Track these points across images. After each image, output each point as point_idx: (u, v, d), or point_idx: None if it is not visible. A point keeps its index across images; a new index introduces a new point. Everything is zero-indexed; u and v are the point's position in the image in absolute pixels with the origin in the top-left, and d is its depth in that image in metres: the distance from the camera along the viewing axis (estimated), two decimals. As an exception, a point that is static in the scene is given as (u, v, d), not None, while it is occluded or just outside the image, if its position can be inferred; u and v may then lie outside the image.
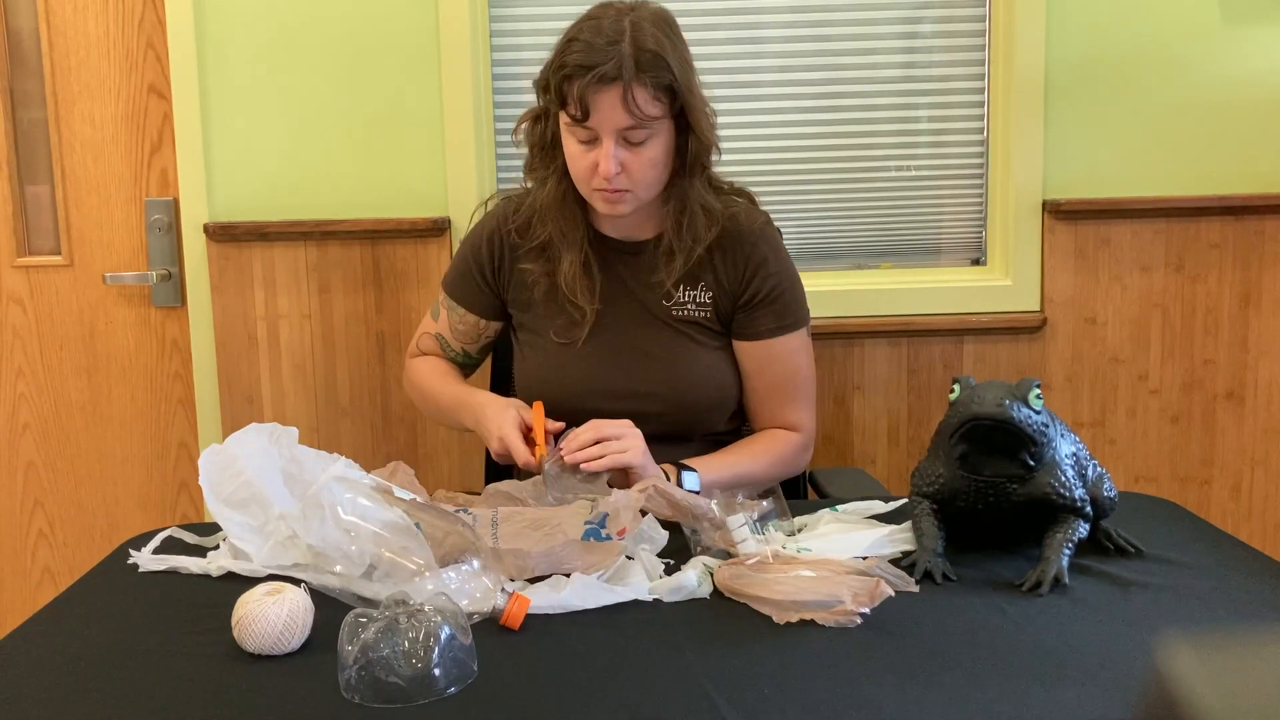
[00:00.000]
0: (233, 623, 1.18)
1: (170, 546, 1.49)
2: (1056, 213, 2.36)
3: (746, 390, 1.81)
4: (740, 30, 2.38)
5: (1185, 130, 2.36)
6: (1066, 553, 1.32)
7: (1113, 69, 2.34)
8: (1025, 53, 2.32)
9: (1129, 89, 2.34)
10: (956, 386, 1.34)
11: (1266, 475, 2.45)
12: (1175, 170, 2.37)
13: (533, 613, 1.23)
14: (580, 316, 1.75)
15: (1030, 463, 1.33)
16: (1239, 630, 1.21)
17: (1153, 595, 1.29)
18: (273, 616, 1.16)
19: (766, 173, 2.41)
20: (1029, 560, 1.35)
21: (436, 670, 1.08)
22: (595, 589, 1.29)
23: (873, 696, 1.07)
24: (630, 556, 1.36)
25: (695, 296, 1.77)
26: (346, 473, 1.37)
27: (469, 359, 1.91)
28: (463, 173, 2.33)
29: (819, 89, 2.41)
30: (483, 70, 2.35)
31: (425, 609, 1.11)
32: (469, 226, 1.91)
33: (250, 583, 1.28)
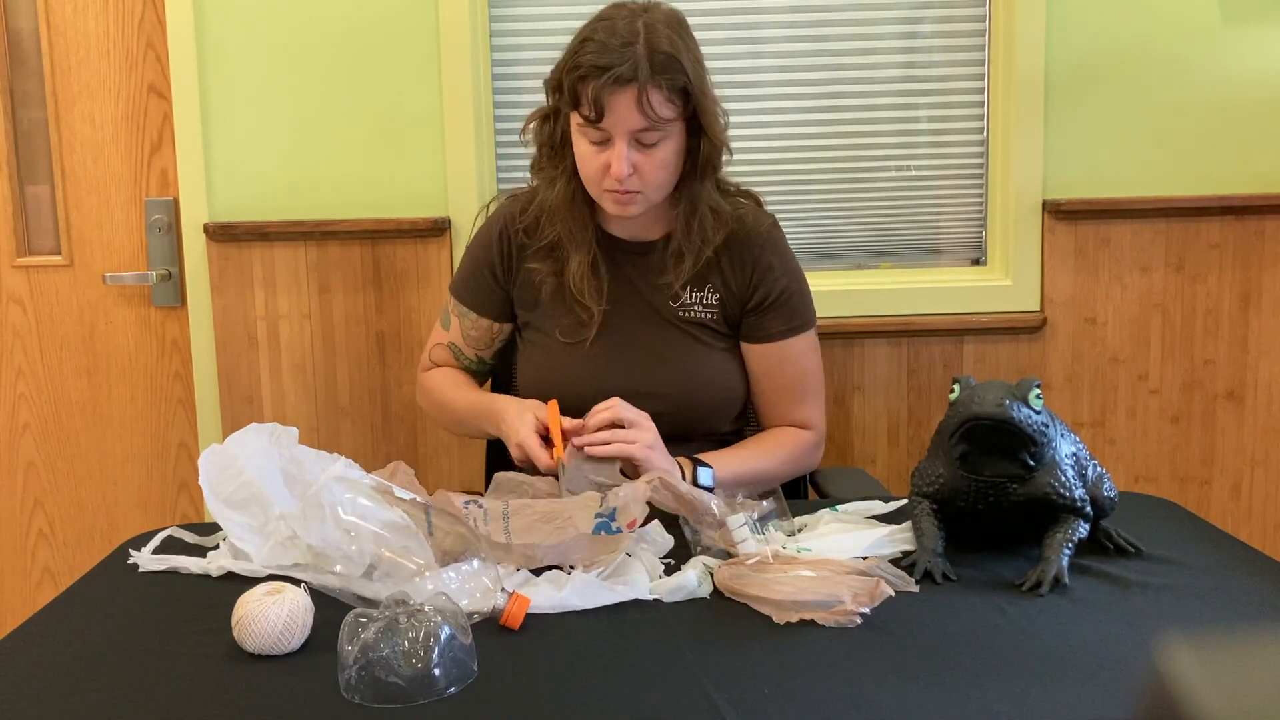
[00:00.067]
0: (233, 623, 1.18)
1: (170, 546, 1.49)
2: (1056, 213, 2.36)
3: (756, 391, 1.82)
4: (740, 30, 2.38)
5: (1185, 130, 2.36)
6: (1066, 553, 1.32)
7: (1113, 69, 2.34)
8: (1025, 53, 2.32)
9: (1129, 89, 2.34)
10: (956, 386, 1.34)
11: (1266, 475, 2.45)
12: (1175, 170, 2.37)
13: (533, 612, 1.23)
14: (588, 317, 1.75)
15: (1030, 463, 1.33)
16: (1239, 630, 1.21)
17: (1153, 595, 1.29)
18: (273, 616, 1.16)
19: (766, 173, 2.41)
20: (1029, 560, 1.36)
21: (436, 670, 1.08)
22: (595, 589, 1.29)
23: (873, 696, 1.07)
24: (630, 554, 1.37)
25: (702, 298, 1.77)
26: (346, 473, 1.37)
27: (483, 365, 1.89)
28: (463, 173, 2.33)
29: (819, 89, 2.41)
30: (483, 70, 2.35)
31: (425, 609, 1.11)
32: (472, 230, 1.91)
33: (250, 583, 1.28)
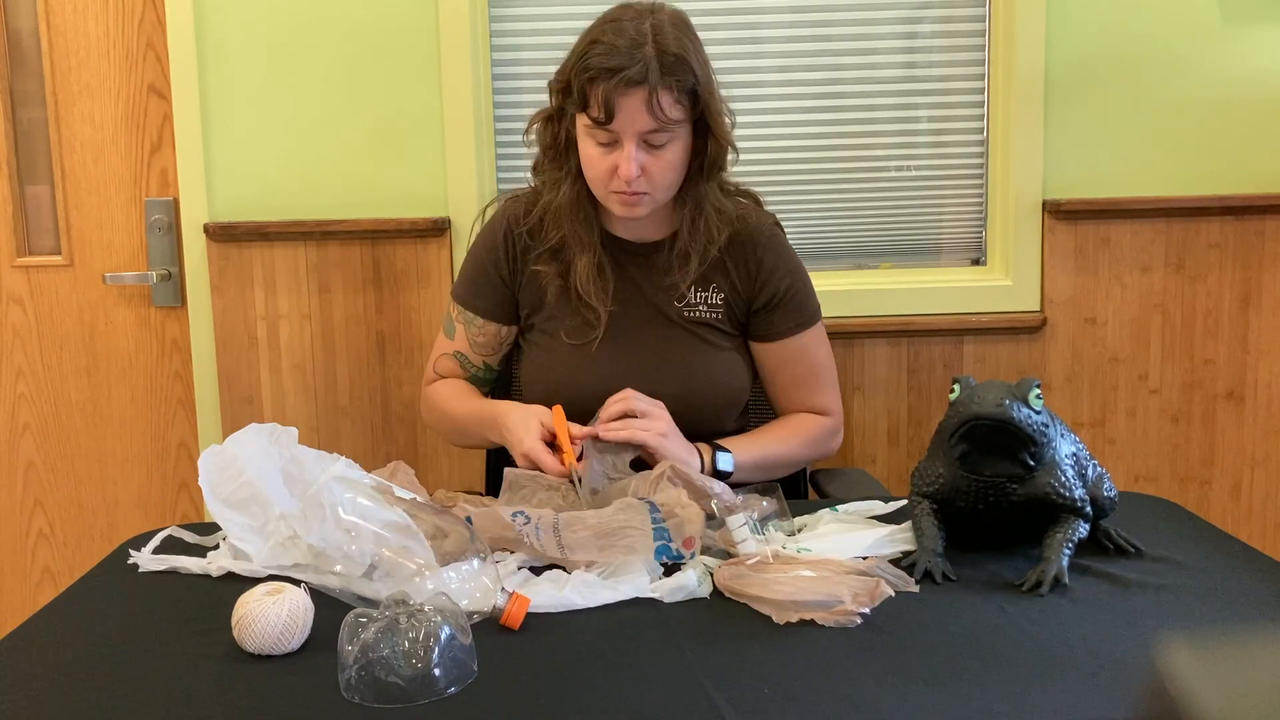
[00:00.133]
0: (233, 623, 1.18)
1: (170, 546, 1.49)
2: (1056, 213, 2.36)
3: (771, 386, 1.83)
4: (740, 30, 2.39)
5: (1185, 130, 2.36)
6: (1066, 553, 1.32)
7: (1113, 69, 2.34)
8: (1025, 53, 2.32)
9: (1129, 89, 2.34)
10: (956, 386, 1.34)
11: (1266, 475, 2.45)
12: (1175, 170, 2.37)
13: (533, 612, 1.23)
14: (594, 318, 1.74)
15: (1030, 463, 1.33)
16: (1239, 630, 1.21)
17: (1153, 595, 1.29)
18: (273, 616, 1.16)
19: (767, 173, 2.40)
20: (1029, 560, 1.35)
21: (436, 670, 1.08)
22: (595, 588, 1.29)
23: (873, 696, 1.07)
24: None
25: (707, 298, 1.77)
26: (346, 473, 1.37)
27: (490, 372, 1.87)
28: (463, 173, 2.33)
29: (819, 89, 2.41)
30: (483, 70, 2.35)
31: (425, 609, 1.11)
32: (471, 233, 1.90)
33: (250, 583, 1.28)
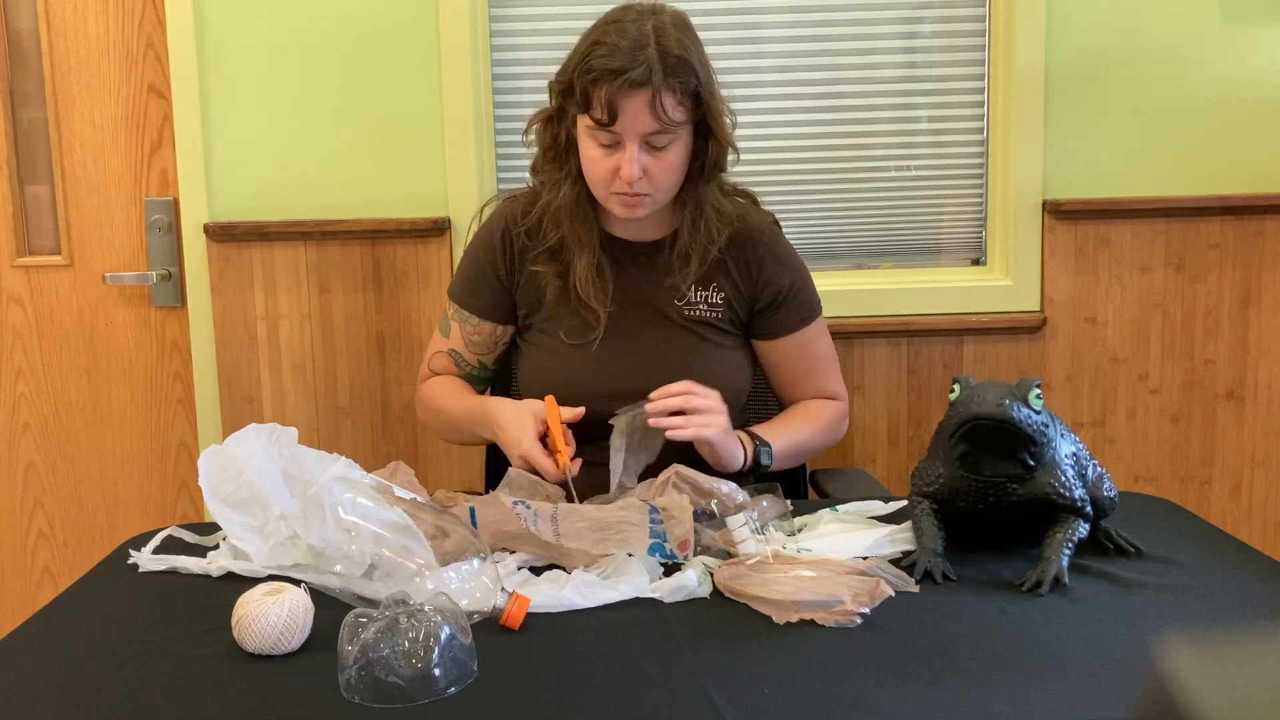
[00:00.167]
0: (233, 623, 1.18)
1: (170, 546, 1.49)
2: (1056, 213, 2.36)
3: (777, 379, 1.85)
4: (740, 30, 2.38)
5: (1185, 130, 2.35)
6: (1066, 553, 1.32)
7: (1113, 69, 2.34)
8: (1025, 53, 2.32)
9: (1129, 89, 2.34)
10: (956, 386, 1.34)
11: (1266, 475, 2.45)
12: (1175, 170, 2.37)
13: (533, 612, 1.23)
14: (593, 318, 1.74)
15: (1030, 463, 1.33)
16: (1239, 630, 1.21)
17: (1153, 595, 1.29)
18: (273, 616, 1.16)
19: (766, 172, 2.40)
20: (1029, 560, 1.35)
21: (436, 670, 1.08)
22: (595, 588, 1.29)
23: (873, 697, 1.07)
24: (630, 554, 1.37)
25: (707, 297, 1.77)
26: (347, 473, 1.37)
27: (485, 370, 1.87)
28: (463, 173, 2.33)
29: (819, 89, 2.41)
30: (483, 70, 2.35)
31: (425, 609, 1.11)
32: (469, 233, 1.90)
33: (250, 583, 1.28)
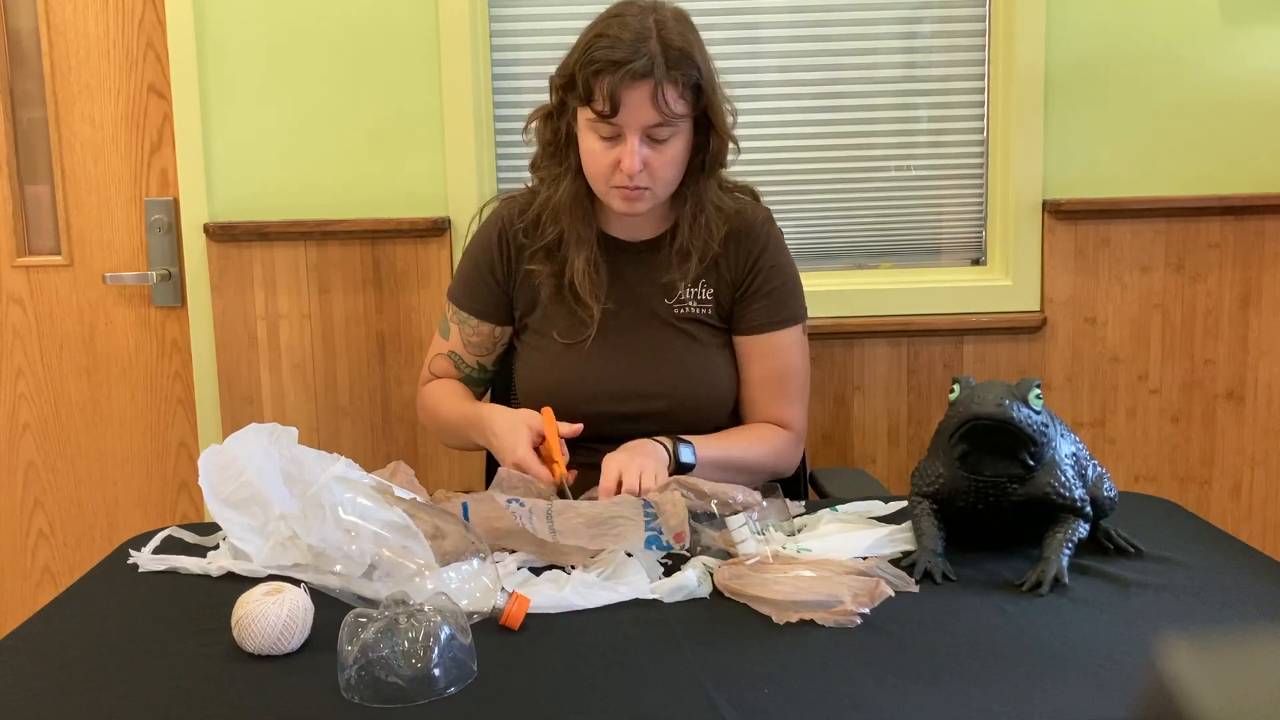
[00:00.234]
0: (233, 623, 1.18)
1: (170, 546, 1.49)
2: (1056, 213, 2.36)
3: (741, 382, 1.81)
4: (740, 30, 2.38)
5: (1185, 130, 2.35)
6: (1066, 553, 1.32)
7: (1113, 69, 2.34)
8: (1025, 53, 2.32)
9: (1129, 89, 2.34)
10: (956, 386, 1.34)
11: (1266, 475, 2.45)
12: (1175, 170, 2.37)
13: (533, 612, 1.23)
14: (588, 317, 1.74)
15: (1030, 463, 1.33)
16: (1239, 630, 1.21)
17: (1153, 595, 1.29)
18: (273, 616, 1.16)
19: (766, 172, 2.40)
20: (1029, 560, 1.35)
21: (436, 670, 1.08)
22: (595, 588, 1.29)
23: (873, 696, 1.07)
24: (630, 554, 1.37)
25: (697, 294, 1.77)
26: (346, 473, 1.37)
27: (484, 372, 1.88)
28: (463, 173, 2.33)
29: (819, 89, 2.41)
30: (483, 70, 2.35)
31: (425, 609, 1.11)
32: (467, 235, 1.90)
33: (250, 583, 1.28)
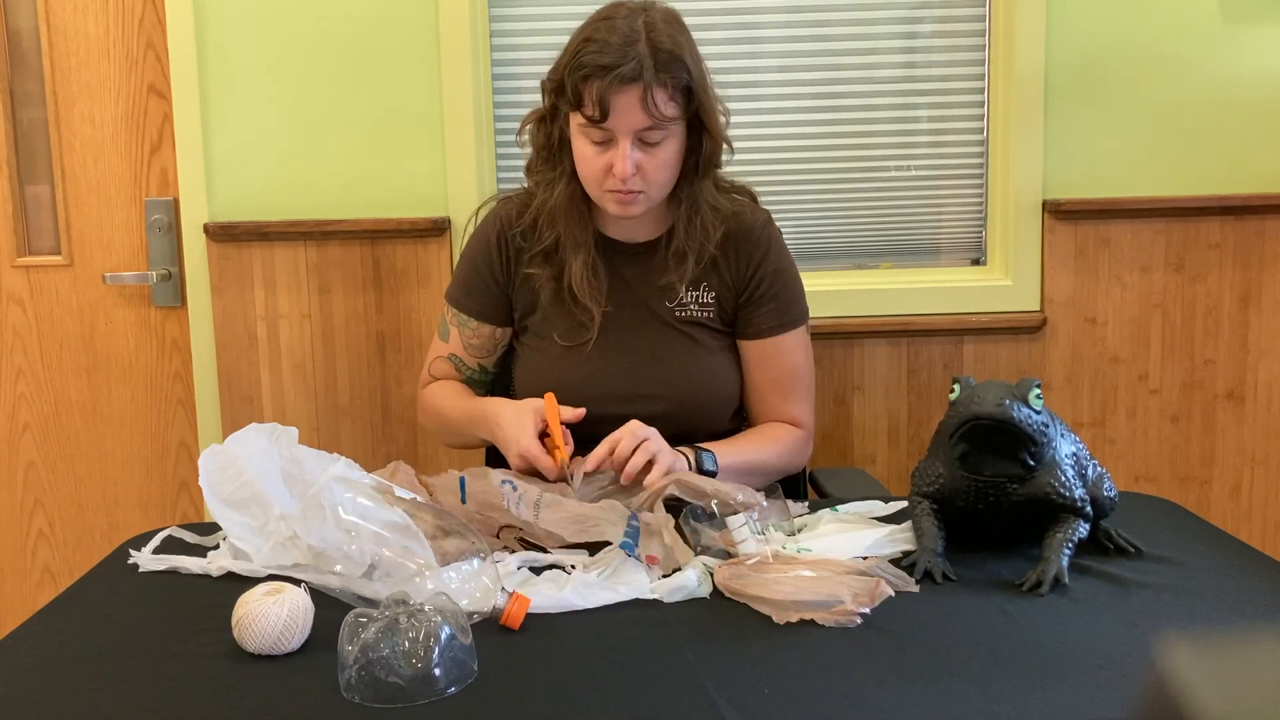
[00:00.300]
0: (233, 623, 1.18)
1: (170, 546, 1.49)
2: (1056, 213, 2.36)
3: (747, 385, 1.82)
4: (740, 30, 2.38)
5: (1185, 130, 2.35)
6: (1066, 553, 1.32)
7: (1113, 69, 2.34)
8: (1025, 53, 2.32)
9: (1129, 89, 2.34)
10: (956, 386, 1.34)
11: (1266, 475, 2.45)
12: (1175, 170, 2.37)
13: (533, 612, 1.23)
14: (588, 319, 1.74)
15: (1030, 463, 1.33)
16: (1239, 630, 1.21)
17: (1153, 595, 1.29)
18: (273, 616, 1.16)
19: (766, 172, 2.40)
20: (1029, 560, 1.35)
21: (436, 670, 1.08)
22: (595, 588, 1.29)
23: (873, 696, 1.07)
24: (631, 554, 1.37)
25: (698, 297, 1.77)
26: (347, 473, 1.37)
27: (485, 374, 1.87)
28: (463, 173, 2.33)
29: (819, 89, 2.41)
30: (483, 70, 2.35)
31: (425, 609, 1.11)
32: (464, 235, 1.90)
33: (250, 583, 1.28)
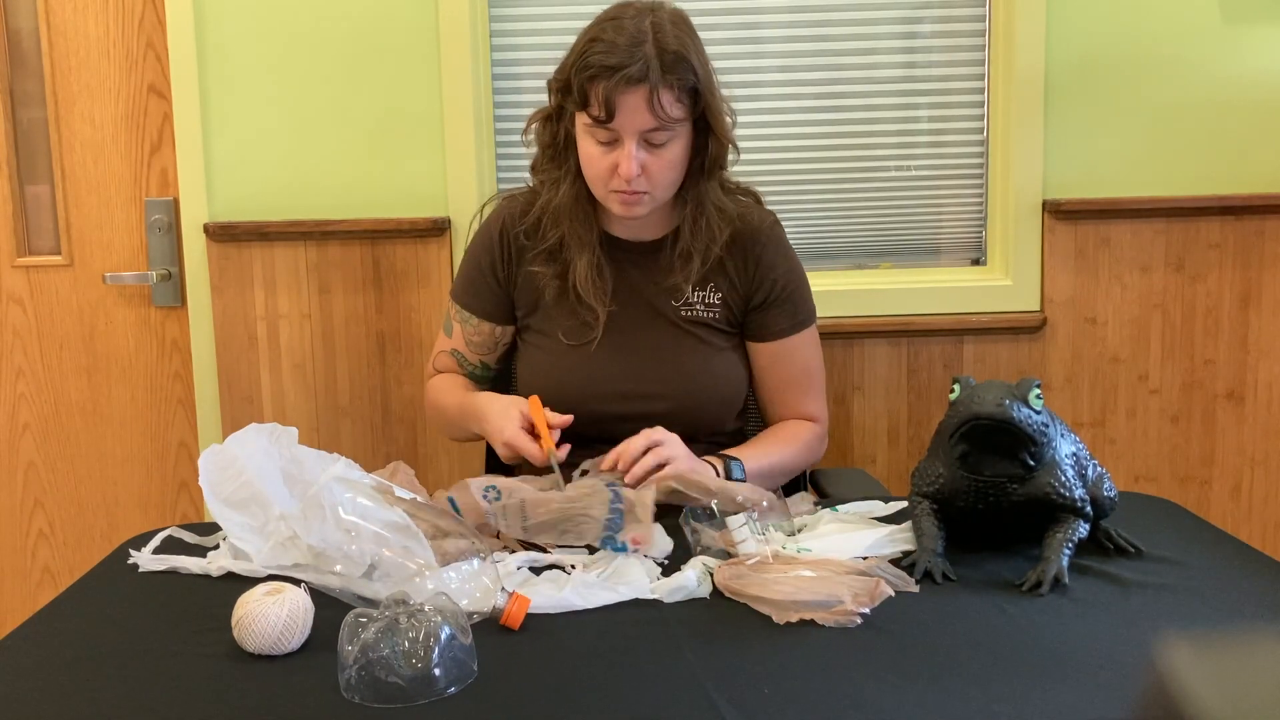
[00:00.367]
0: (233, 623, 1.18)
1: (170, 546, 1.49)
2: (1056, 213, 2.36)
3: (761, 387, 1.83)
4: (740, 30, 2.38)
5: (1185, 130, 2.35)
6: (1066, 553, 1.32)
7: (1113, 69, 2.34)
8: (1025, 53, 2.32)
9: (1129, 89, 2.34)
10: (956, 386, 1.34)
11: (1266, 475, 2.45)
12: (1175, 170, 2.37)
13: (533, 612, 1.23)
14: (592, 318, 1.74)
15: (1030, 463, 1.33)
16: (1239, 630, 1.21)
17: (1153, 595, 1.29)
18: (273, 616, 1.16)
19: (766, 172, 2.40)
20: (1029, 560, 1.35)
21: (436, 670, 1.08)
22: (595, 588, 1.29)
23: (873, 696, 1.07)
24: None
25: (704, 297, 1.77)
26: (347, 473, 1.37)
27: (487, 370, 1.88)
28: (463, 173, 2.33)
29: (819, 89, 2.41)
30: (483, 70, 2.35)
31: (425, 609, 1.11)
32: (469, 232, 1.90)
33: (250, 583, 1.28)
